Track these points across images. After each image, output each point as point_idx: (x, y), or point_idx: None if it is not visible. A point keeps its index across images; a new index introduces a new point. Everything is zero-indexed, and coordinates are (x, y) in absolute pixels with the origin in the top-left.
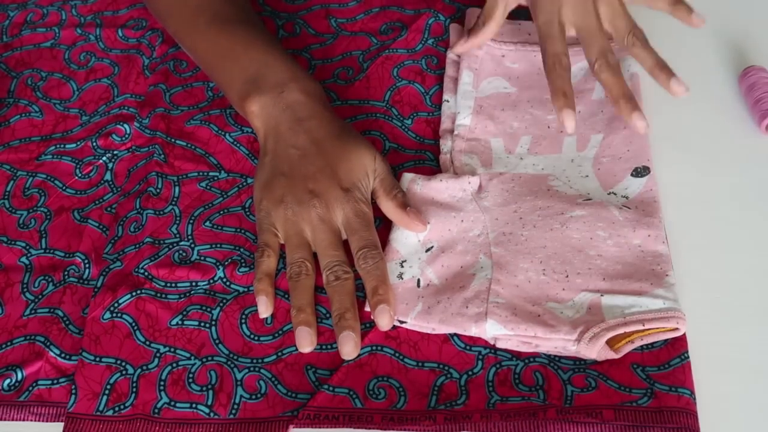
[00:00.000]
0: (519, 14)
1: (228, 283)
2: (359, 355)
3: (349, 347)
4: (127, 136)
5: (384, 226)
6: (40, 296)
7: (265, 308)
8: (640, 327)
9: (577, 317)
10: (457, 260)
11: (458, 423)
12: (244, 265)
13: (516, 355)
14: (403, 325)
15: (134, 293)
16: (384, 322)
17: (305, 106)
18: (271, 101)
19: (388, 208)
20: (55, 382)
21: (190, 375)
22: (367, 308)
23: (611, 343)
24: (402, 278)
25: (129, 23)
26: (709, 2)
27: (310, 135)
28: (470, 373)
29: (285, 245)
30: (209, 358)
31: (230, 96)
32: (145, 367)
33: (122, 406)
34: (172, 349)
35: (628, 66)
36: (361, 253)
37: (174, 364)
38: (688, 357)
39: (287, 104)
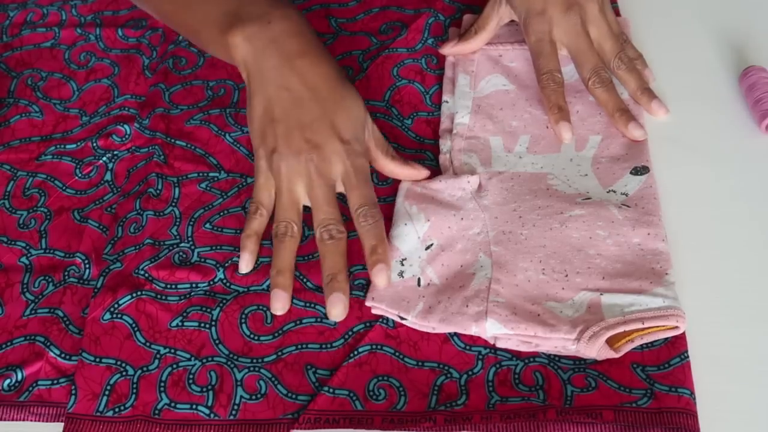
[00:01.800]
0: None
1: (228, 284)
2: (359, 354)
3: (338, 309)
4: (127, 136)
5: (384, 226)
6: (40, 296)
7: (246, 265)
8: (639, 325)
9: (576, 316)
10: (457, 259)
11: (458, 424)
12: None
13: (516, 354)
14: (404, 323)
15: (134, 294)
16: (381, 281)
17: (294, 39)
18: (257, 31)
19: (389, 166)
20: (55, 382)
21: (191, 376)
22: (368, 303)
23: (611, 342)
24: (403, 276)
25: (129, 23)
26: (709, 2)
27: (304, 78)
28: (470, 373)
29: (276, 197)
30: (209, 359)
31: (206, 34)
32: (145, 369)
33: (122, 407)
34: (173, 350)
35: None
36: (361, 211)
37: (174, 365)
38: (688, 356)
39: (275, 36)
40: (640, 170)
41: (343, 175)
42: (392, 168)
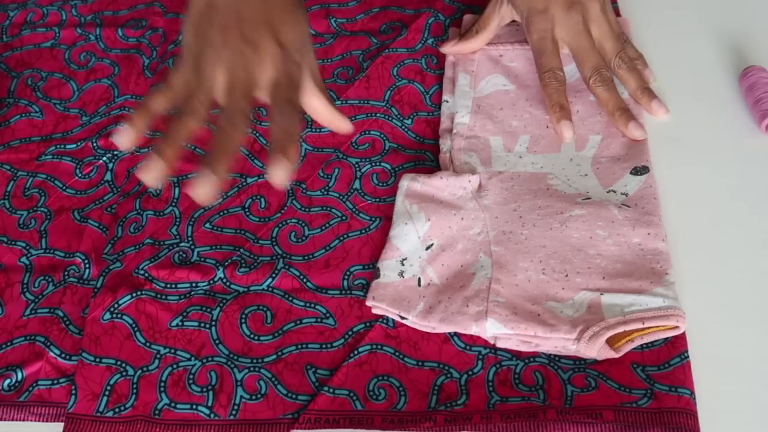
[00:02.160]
0: None
1: (228, 284)
2: (359, 354)
3: (204, 189)
4: None
5: (384, 225)
6: (40, 296)
7: (124, 139)
8: (639, 325)
9: (576, 316)
10: (457, 259)
11: (458, 424)
12: (244, 265)
13: (516, 354)
14: (404, 322)
15: (134, 294)
16: (278, 175)
17: None
18: None
19: (317, 105)
20: (55, 382)
21: (191, 376)
22: (368, 302)
23: (611, 342)
24: (403, 276)
25: (129, 23)
26: (709, 2)
27: None
28: (470, 372)
29: (193, 80)
30: (209, 359)
31: None
32: (145, 369)
33: (122, 408)
34: (173, 350)
35: None
36: (280, 107)
37: (174, 365)
38: (688, 356)
39: None
40: (640, 170)
41: (272, 80)
42: (317, 105)
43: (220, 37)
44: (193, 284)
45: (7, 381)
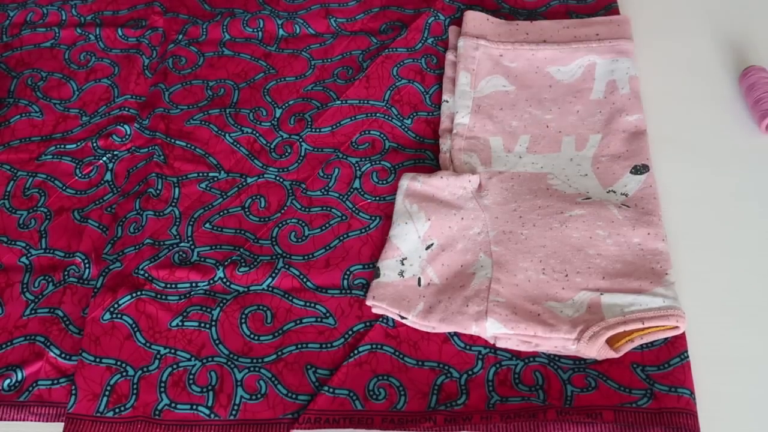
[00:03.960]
0: (517, 14)
1: (228, 283)
2: (359, 354)
3: None
4: (127, 136)
5: (383, 224)
6: (40, 296)
7: None
8: (639, 325)
9: (576, 316)
10: (457, 259)
11: (458, 424)
12: (243, 264)
13: (516, 354)
14: (404, 322)
15: (134, 294)
16: None
17: None
18: None
19: None
20: (55, 382)
21: (191, 376)
22: (368, 302)
23: (611, 342)
24: (403, 276)
25: (129, 23)
26: (709, 2)
27: None
28: (470, 372)
29: None
30: (209, 359)
31: None
32: (145, 369)
33: (123, 408)
34: (173, 351)
35: (627, 68)
36: None
37: (174, 366)
38: (688, 356)
39: None
40: (640, 169)
41: None
42: None
43: None
44: (193, 284)
45: (7, 381)
